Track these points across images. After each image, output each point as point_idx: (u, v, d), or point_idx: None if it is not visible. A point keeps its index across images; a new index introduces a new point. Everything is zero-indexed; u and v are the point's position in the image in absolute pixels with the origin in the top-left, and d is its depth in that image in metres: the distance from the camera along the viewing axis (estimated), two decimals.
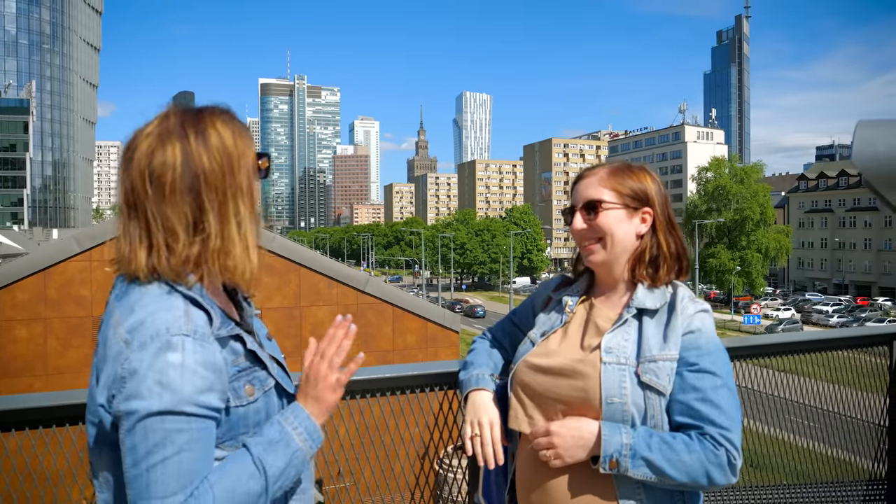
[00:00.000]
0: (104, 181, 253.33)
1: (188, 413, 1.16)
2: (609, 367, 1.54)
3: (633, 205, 1.64)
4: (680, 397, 1.53)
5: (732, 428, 1.49)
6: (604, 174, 1.67)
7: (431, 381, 2.21)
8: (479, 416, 1.72)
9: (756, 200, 59.13)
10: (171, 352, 1.16)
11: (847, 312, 57.09)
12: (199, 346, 1.19)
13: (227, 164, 1.29)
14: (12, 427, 1.78)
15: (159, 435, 1.14)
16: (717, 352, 1.56)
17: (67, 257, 10.43)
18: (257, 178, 1.37)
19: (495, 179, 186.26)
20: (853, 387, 3.03)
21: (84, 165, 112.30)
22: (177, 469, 1.14)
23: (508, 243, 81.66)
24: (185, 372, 1.16)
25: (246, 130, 1.36)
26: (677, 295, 1.62)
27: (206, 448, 1.19)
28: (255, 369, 1.32)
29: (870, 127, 1.38)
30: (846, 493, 3.15)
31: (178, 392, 1.15)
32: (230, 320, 1.32)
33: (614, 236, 1.63)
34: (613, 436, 1.49)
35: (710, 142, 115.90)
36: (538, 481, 1.62)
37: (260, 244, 1.35)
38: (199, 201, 1.27)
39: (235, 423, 1.28)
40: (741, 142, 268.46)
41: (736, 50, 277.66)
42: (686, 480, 1.48)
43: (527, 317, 1.89)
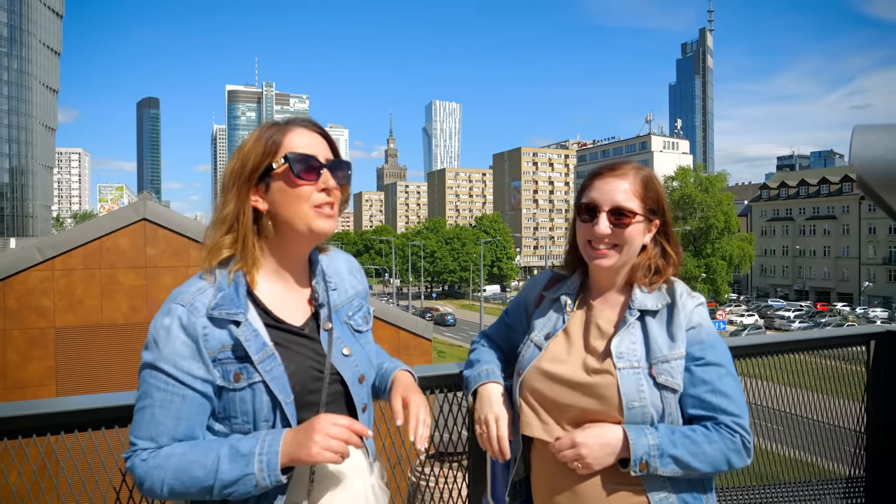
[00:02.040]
0: (64, 189, 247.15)
1: (166, 372, 1.35)
2: (625, 373, 1.57)
3: (651, 217, 1.68)
4: (691, 391, 1.59)
5: (742, 413, 1.58)
6: (634, 180, 1.65)
7: (436, 382, 2.21)
8: (486, 413, 1.72)
9: (720, 209, 60.31)
10: (166, 316, 1.37)
11: (808, 318, 58.50)
12: (187, 316, 1.36)
13: (238, 163, 1.45)
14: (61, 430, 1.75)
15: (144, 386, 1.37)
16: (718, 343, 1.62)
17: (28, 267, 10.15)
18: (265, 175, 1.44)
19: (465, 188, 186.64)
20: (829, 393, 3.09)
21: (43, 173, 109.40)
22: (150, 419, 1.36)
23: (478, 251, 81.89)
24: (169, 335, 1.35)
25: (271, 133, 1.46)
26: (675, 291, 1.65)
27: (180, 412, 1.35)
28: (246, 359, 1.38)
29: (867, 131, 1.41)
30: (827, 490, 3.21)
31: (160, 350, 1.35)
32: (254, 306, 1.42)
33: (631, 248, 1.66)
34: (640, 438, 1.52)
35: (676, 151, 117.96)
36: (562, 486, 1.63)
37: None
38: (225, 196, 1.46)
39: (227, 405, 1.39)
40: (705, 151, 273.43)
41: (700, 62, 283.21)
42: (709, 469, 1.55)
43: (519, 317, 1.89)
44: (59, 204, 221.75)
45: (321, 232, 1.46)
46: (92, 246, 9.62)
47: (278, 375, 1.39)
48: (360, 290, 1.68)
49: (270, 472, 1.31)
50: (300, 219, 1.44)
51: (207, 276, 1.42)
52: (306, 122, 1.51)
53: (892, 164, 1.38)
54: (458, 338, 56.51)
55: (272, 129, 1.47)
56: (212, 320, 1.37)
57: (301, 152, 1.44)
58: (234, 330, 1.38)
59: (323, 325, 1.51)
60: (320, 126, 1.52)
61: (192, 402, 1.36)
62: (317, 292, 1.54)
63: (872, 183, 1.42)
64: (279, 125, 1.48)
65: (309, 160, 1.44)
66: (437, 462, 2.41)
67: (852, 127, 1.47)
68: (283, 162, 1.43)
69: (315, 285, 1.55)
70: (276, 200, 1.44)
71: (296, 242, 1.48)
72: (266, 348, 1.39)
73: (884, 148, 1.39)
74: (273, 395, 1.38)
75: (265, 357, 1.38)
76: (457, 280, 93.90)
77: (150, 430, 1.35)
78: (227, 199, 1.44)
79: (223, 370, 1.37)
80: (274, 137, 1.45)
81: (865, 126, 1.44)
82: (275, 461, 1.31)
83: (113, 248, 9.59)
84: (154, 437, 1.35)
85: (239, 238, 1.44)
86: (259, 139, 1.45)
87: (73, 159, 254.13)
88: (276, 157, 1.43)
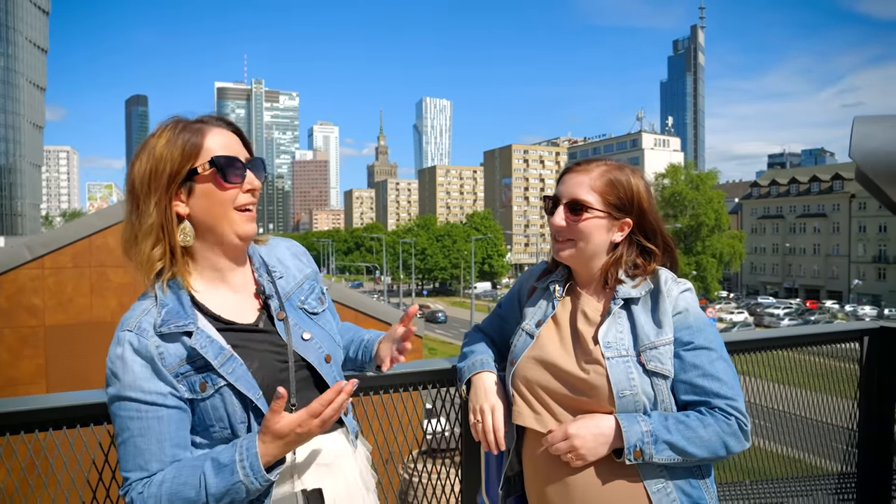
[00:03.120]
0: (53, 187, 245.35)
1: (134, 399, 1.33)
2: (613, 362, 1.56)
3: (616, 215, 1.65)
4: (682, 377, 1.58)
5: (736, 396, 1.56)
6: (597, 175, 1.65)
7: (400, 381, 2.19)
8: (481, 403, 1.72)
9: (711, 207, 60.58)
10: (118, 346, 1.35)
11: (797, 315, 58.85)
12: (137, 339, 1.34)
13: (149, 168, 1.39)
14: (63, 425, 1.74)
15: (118, 420, 1.35)
16: (707, 327, 1.61)
17: (18, 265, 10.08)
18: (187, 179, 1.40)
19: (456, 185, 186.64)
20: (820, 390, 3.09)
21: (32, 171, 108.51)
22: (134, 451, 1.34)
23: (469, 249, 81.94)
24: (125, 363, 1.33)
25: (189, 137, 1.40)
26: (660, 278, 1.64)
27: (161, 435, 1.34)
28: (206, 367, 1.36)
29: (867, 123, 1.39)
30: (818, 486, 3.22)
31: (121, 381, 1.33)
32: (201, 314, 1.40)
33: (588, 244, 1.65)
34: (632, 426, 1.52)
35: (667, 149, 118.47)
36: (556, 477, 1.62)
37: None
38: (130, 204, 1.42)
39: (201, 415, 1.38)
40: (696, 149, 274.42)
41: (691, 59, 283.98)
42: (706, 455, 1.53)
43: (513, 308, 1.90)
44: (48, 202, 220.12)
45: (246, 235, 1.45)
46: (81, 244, 9.57)
47: (242, 375, 1.38)
48: (309, 272, 1.65)
49: (256, 475, 1.30)
50: (225, 223, 1.42)
51: (150, 294, 1.40)
52: (220, 122, 1.47)
53: (892, 155, 1.36)
54: (449, 335, 56.51)
55: (187, 132, 1.40)
56: (163, 337, 1.35)
57: (225, 154, 1.40)
58: (187, 341, 1.36)
59: (277, 316, 1.49)
60: (232, 123, 1.49)
61: (170, 422, 1.35)
62: (261, 285, 1.52)
63: (872, 174, 1.41)
64: (191, 126, 1.42)
65: (234, 162, 1.41)
66: (429, 458, 2.40)
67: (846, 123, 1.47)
68: (208, 166, 1.39)
69: (258, 278, 1.53)
70: (200, 205, 1.41)
71: (222, 246, 1.46)
72: (224, 351, 1.38)
73: (884, 140, 1.37)
74: (242, 396, 1.37)
75: (225, 360, 1.37)
76: (448, 277, 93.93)
77: (137, 461, 1.34)
78: (147, 208, 1.38)
79: (188, 383, 1.36)
80: (192, 140, 1.39)
81: (866, 117, 1.42)
82: (256, 464, 1.30)
83: (102, 246, 9.54)
84: (143, 466, 1.34)
85: (166, 248, 1.40)
86: (173, 142, 1.39)
87: (61, 157, 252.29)
88: (197, 160, 1.39)
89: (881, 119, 1.41)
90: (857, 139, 1.41)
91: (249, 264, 1.55)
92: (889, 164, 1.38)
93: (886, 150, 1.37)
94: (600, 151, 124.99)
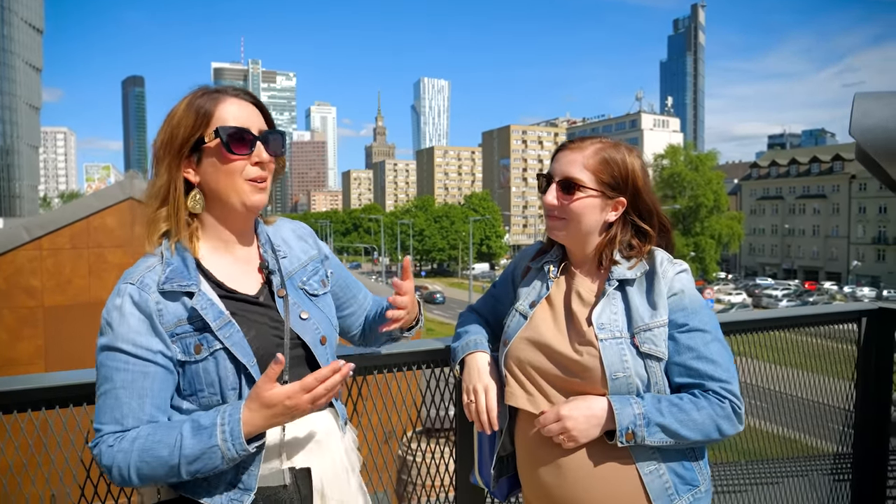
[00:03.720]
0: (51, 169, 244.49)
1: (125, 351, 1.32)
2: (607, 344, 1.54)
3: (609, 194, 1.62)
4: (676, 359, 1.56)
5: (731, 379, 1.55)
6: (591, 154, 1.62)
7: (395, 361, 2.17)
8: (474, 383, 1.71)
9: (710, 188, 60.52)
10: (117, 297, 1.36)
11: (795, 297, 59.05)
12: (139, 293, 1.34)
13: (167, 134, 1.41)
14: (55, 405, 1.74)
15: (103, 370, 1.34)
16: (702, 309, 1.59)
17: (15, 246, 10.05)
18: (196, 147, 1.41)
19: (454, 166, 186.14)
20: (817, 371, 3.08)
21: (29, 152, 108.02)
22: (113, 403, 1.32)
23: (467, 230, 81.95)
24: (122, 315, 1.33)
25: (202, 104, 1.40)
26: (655, 259, 1.62)
27: (144, 390, 1.32)
28: (204, 329, 1.36)
29: (868, 99, 1.36)
30: (814, 467, 3.23)
31: (115, 331, 1.33)
32: (203, 278, 1.40)
33: (580, 223, 1.62)
34: (625, 408, 1.51)
35: (666, 129, 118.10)
36: (548, 458, 1.61)
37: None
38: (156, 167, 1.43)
39: (191, 379, 1.36)
40: (696, 130, 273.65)
41: (692, 39, 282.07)
42: (699, 438, 1.52)
43: (507, 288, 1.87)
44: (46, 184, 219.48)
45: (254, 206, 1.44)
46: (79, 225, 9.55)
47: (239, 341, 1.37)
48: (314, 254, 1.64)
49: (234, 442, 1.27)
50: (233, 193, 1.42)
51: (154, 253, 1.41)
52: (238, 91, 1.46)
53: (892, 132, 1.32)
54: (447, 316, 56.69)
55: (203, 99, 1.41)
56: (164, 294, 1.35)
57: (233, 125, 1.39)
58: (188, 301, 1.36)
59: (277, 293, 1.49)
60: (253, 95, 1.47)
61: (155, 378, 1.33)
62: (265, 260, 1.52)
63: (872, 152, 1.37)
64: (210, 94, 1.42)
65: (241, 133, 1.40)
66: (425, 438, 2.40)
67: (847, 103, 1.42)
68: (214, 136, 1.38)
69: (263, 254, 1.53)
70: (208, 174, 1.41)
71: (230, 216, 1.46)
72: (223, 315, 1.37)
73: (884, 116, 1.33)
74: (237, 361, 1.36)
75: (223, 324, 1.36)
76: (446, 258, 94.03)
77: (114, 414, 1.32)
78: (160, 171, 1.41)
79: (182, 344, 1.35)
80: (205, 107, 1.39)
81: (866, 94, 1.39)
82: (237, 430, 1.27)
83: (100, 227, 9.53)
84: (119, 420, 1.32)
85: (172, 212, 1.41)
86: (189, 108, 1.40)
87: (58, 139, 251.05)
88: (207, 128, 1.39)
89: (882, 95, 1.37)
90: (858, 116, 1.38)
91: (256, 240, 1.56)
92: (889, 141, 1.35)
93: (886, 127, 1.34)
94: (599, 132, 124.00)
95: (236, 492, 1.36)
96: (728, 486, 3.11)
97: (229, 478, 1.35)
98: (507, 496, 1.85)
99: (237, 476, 1.36)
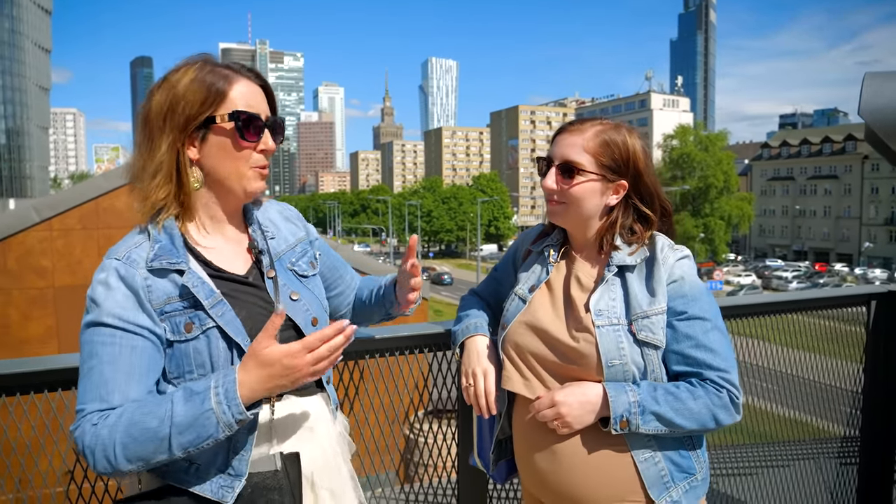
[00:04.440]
0: (61, 149, 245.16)
1: (111, 325, 1.26)
2: (603, 331, 1.52)
3: (610, 177, 1.58)
4: (674, 347, 1.54)
5: (729, 368, 1.53)
6: (591, 136, 1.58)
7: (404, 343, 2.18)
8: (473, 367, 1.70)
9: (720, 168, 60.02)
10: (101, 272, 1.30)
11: (806, 278, 58.69)
12: (125, 268, 1.29)
13: (167, 103, 1.33)
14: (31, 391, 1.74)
15: (88, 347, 1.27)
16: (703, 296, 1.56)
17: (26, 227, 10.12)
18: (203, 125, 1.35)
19: (462, 147, 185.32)
20: (826, 354, 3.06)
21: (39, 133, 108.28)
22: (98, 379, 1.25)
23: (475, 211, 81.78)
24: (108, 289, 1.28)
25: (215, 81, 1.34)
26: (656, 245, 1.59)
27: (132, 366, 1.26)
28: (195, 307, 1.31)
29: (878, 79, 1.32)
30: (821, 450, 3.22)
31: (101, 306, 1.27)
32: (192, 256, 1.36)
33: (580, 207, 1.59)
34: (619, 396, 1.49)
35: (676, 109, 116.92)
36: (543, 444, 1.61)
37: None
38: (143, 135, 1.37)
39: (179, 360, 1.31)
40: (706, 109, 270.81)
41: (703, 17, 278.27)
42: (695, 427, 1.51)
43: (508, 271, 1.86)
44: (56, 165, 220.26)
45: (254, 193, 1.42)
46: (89, 206, 9.60)
47: (231, 319, 1.33)
48: (302, 235, 1.61)
49: (230, 403, 1.20)
50: (236, 178, 1.39)
51: (141, 230, 1.37)
52: (251, 73, 1.41)
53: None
54: (454, 297, 56.78)
55: (215, 76, 1.35)
56: (153, 272, 1.30)
57: (248, 111, 1.36)
58: (178, 279, 1.31)
59: (266, 273, 1.45)
60: (261, 75, 1.43)
61: (143, 354, 1.27)
62: (255, 240, 1.48)
63: (882, 133, 1.34)
64: (219, 70, 1.36)
65: (255, 121, 1.37)
66: (434, 418, 2.42)
67: (858, 81, 1.38)
68: (227, 118, 1.34)
69: (252, 234, 1.50)
70: (213, 155, 1.37)
71: (226, 197, 1.43)
72: (215, 294, 1.33)
73: (894, 96, 1.29)
74: (230, 340, 1.32)
75: (215, 302, 1.32)
76: (454, 239, 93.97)
77: (98, 391, 1.24)
78: (159, 143, 1.33)
79: (172, 323, 1.30)
80: (218, 86, 1.34)
81: (877, 73, 1.35)
82: (233, 390, 1.20)
83: (110, 209, 9.57)
84: (104, 397, 1.24)
85: (171, 188, 1.35)
86: (199, 82, 1.33)
87: (68, 120, 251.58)
88: (219, 108, 1.34)
89: (893, 75, 1.33)
90: (867, 96, 1.34)
91: (243, 220, 1.53)
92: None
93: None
94: (608, 112, 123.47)
95: (226, 478, 1.31)
96: (735, 468, 3.12)
97: (219, 463, 1.31)
98: (506, 479, 1.85)
99: (227, 461, 1.31)
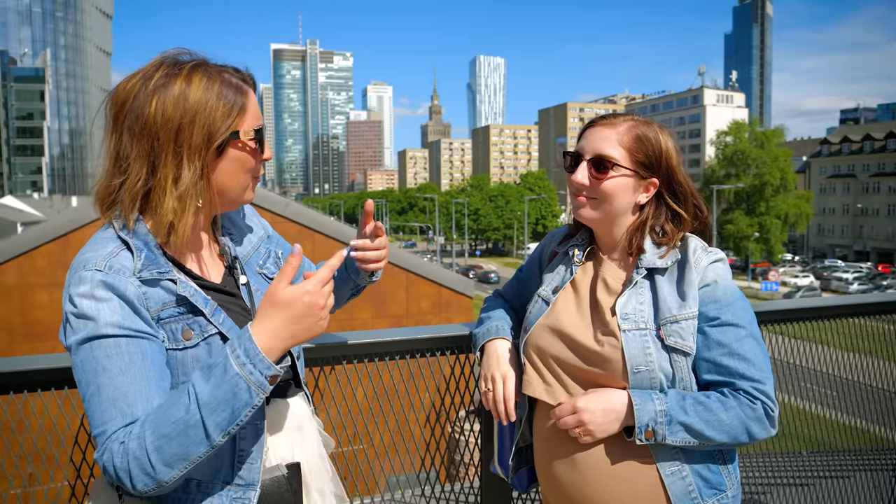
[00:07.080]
0: None
1: (113, 335, 1.15)
2: (630, 335, 1.45)
3: (643, 173, 1.51)
4: (705, 354, 1.46)
5: (764, 379, 1.44)
6: (624, 130, 1.51)
7: (444, 344, 2.15)
8: (493, 371, 1.65)
9: (776, 165, 58.18)
10: (81, 284, 1.17)
11: (868, 280, 56.42)
12: (111, 278, 1.17)
13: (178, 115, 1.21)
14: (38, 387, 1.78)
15: (91, 364, 1.15)
16: (737, 302, 1.47)
17: (86, 223, 10.50)
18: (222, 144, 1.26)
19: (510, 145, 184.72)
20: (873, 355, 2.91)
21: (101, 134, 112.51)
22: (112, 395, 1.13)
23: (523, 209, 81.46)
24: (97, 301, 1.16)
25: (233, 95, 1.27)
26: (689, 247, 1.51)
27: (147, 372, 1.16)
28: (194, 314, 1.26)
29: None
30: (881, 461, 3.07)
31: (96, 318, 1.15)
32: (172, 265, 1.27)
33: (612, 204, 1.52)
34: (645, 404, 1.41)
35: (730, 105, 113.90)
36: (564, 453, 1.54)
37: (274, 210, 1.33)
38: (137, 144, 1.23)
39: (175, 369, 1.24)
40: (762, 105, 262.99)
41: (759, 9, 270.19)
42: (726, 440, 1.42)
43: (533, 272, 1.79)
44: None
45: (248, 201, 1.40)
46: None
47: (232, 326, 1.29)
48: (262, 234, 1.54)
49: (254, 360, 1.12)
50: (239, 188, 1.34)
51: (110, 237, 1.25)
52: (252, 82, 1.35)
53: None
54: None
55: (232, 91, 1.27)
56: (144, 282, 1.21)
57: (258, 123, 1.32)
58: (171, 287, 1.24)
59: (238, 280, 1.41)
60: (253, 78, 1.36)
61: (154, 357, 1.19)
62: (225, 245, 1.43)
63: None
64: (230, 81, 1.28)
65: (262, 133, 1.33)
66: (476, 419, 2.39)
67: None
68: (253, 134, 1.29)
69: (223, 240, 1.44)
70: (228, 170, 1.30)
71: (217, 208, 1.36)
72: (210, 301, 1.28)
73: None
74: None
75: (213, 309, 1.28)
76: (501, 238, 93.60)
77: (118, 406, 1.13)
78: (174, 160, 1.22)
79: (169, 330, 1.23)
80: (237, 101, 1.27)
81: None
82: (252, 346, 1.12)
83: None
84: (125, 412, 1.13)
85: (184, 206, 1.24)
86: (216, 96, 1.24)
87: None
88: (241, 124, 1.27)
89: None
90: None
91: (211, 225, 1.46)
92: None
93: None
94: (659, 109, 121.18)
95: (236, 489, 1.26)
96: (788, 478, 3.00)
97: (224, 474, 1.26)
98: (527, 488, 1.78)
99: (233, 471, 1.26)
